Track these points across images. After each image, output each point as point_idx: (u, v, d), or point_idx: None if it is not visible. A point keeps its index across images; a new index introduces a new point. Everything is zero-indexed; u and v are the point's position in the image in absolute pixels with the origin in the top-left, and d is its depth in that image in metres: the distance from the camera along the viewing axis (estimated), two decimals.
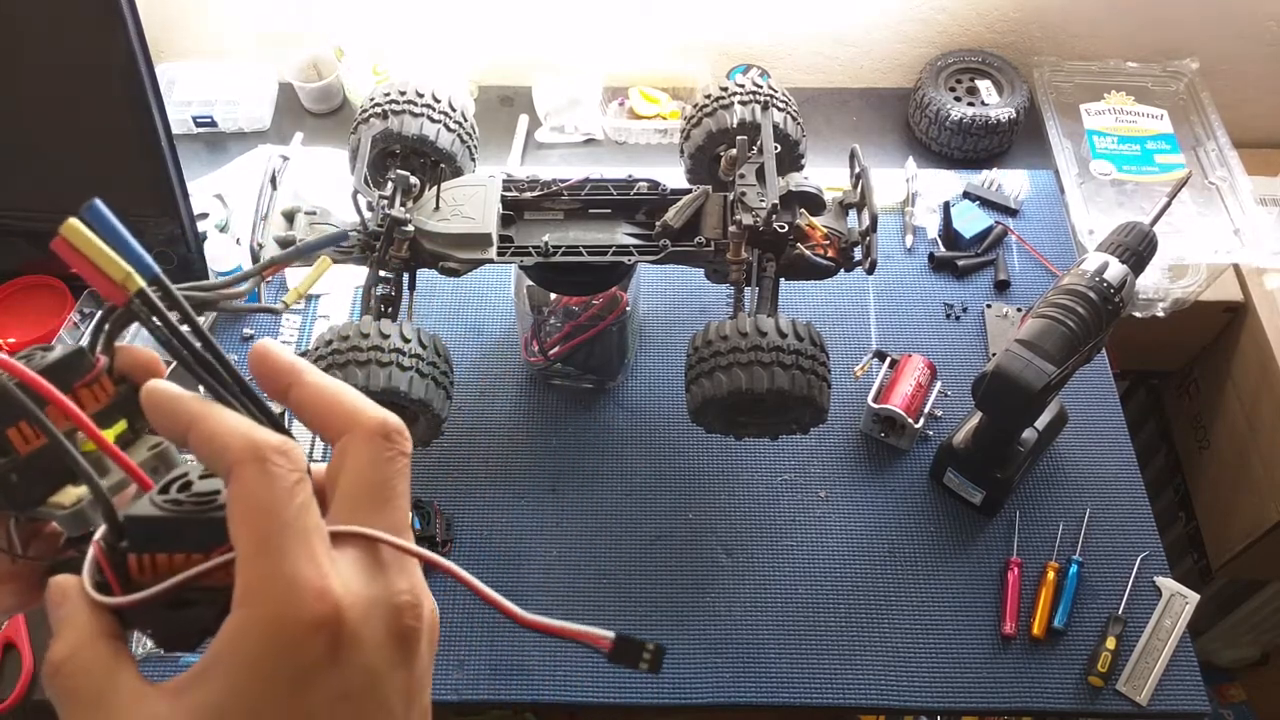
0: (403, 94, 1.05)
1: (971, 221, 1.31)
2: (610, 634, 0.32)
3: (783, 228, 0.94)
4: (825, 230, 0.98)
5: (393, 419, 0.32)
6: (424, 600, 0.31)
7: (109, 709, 0.27)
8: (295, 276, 1.27)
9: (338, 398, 0.32)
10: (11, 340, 1.21)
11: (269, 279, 0.41)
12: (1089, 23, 1.49)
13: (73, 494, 0.34)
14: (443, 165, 1.07)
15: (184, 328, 0.32)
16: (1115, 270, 0.94)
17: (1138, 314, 1.33)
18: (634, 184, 1.02)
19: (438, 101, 1.06)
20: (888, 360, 1.16)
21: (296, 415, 0.33)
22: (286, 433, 0.31)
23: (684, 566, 1.07)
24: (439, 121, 1.05)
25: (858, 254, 0.98)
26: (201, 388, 0.33)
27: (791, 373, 0.88)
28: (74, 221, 0.30)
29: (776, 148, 1.00)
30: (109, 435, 0.35)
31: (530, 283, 1.04)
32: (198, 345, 0.32)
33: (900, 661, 1.01)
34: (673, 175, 1.09)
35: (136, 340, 1.26)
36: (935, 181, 1.38)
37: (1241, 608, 1.68)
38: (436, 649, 0.32)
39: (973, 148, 1.41)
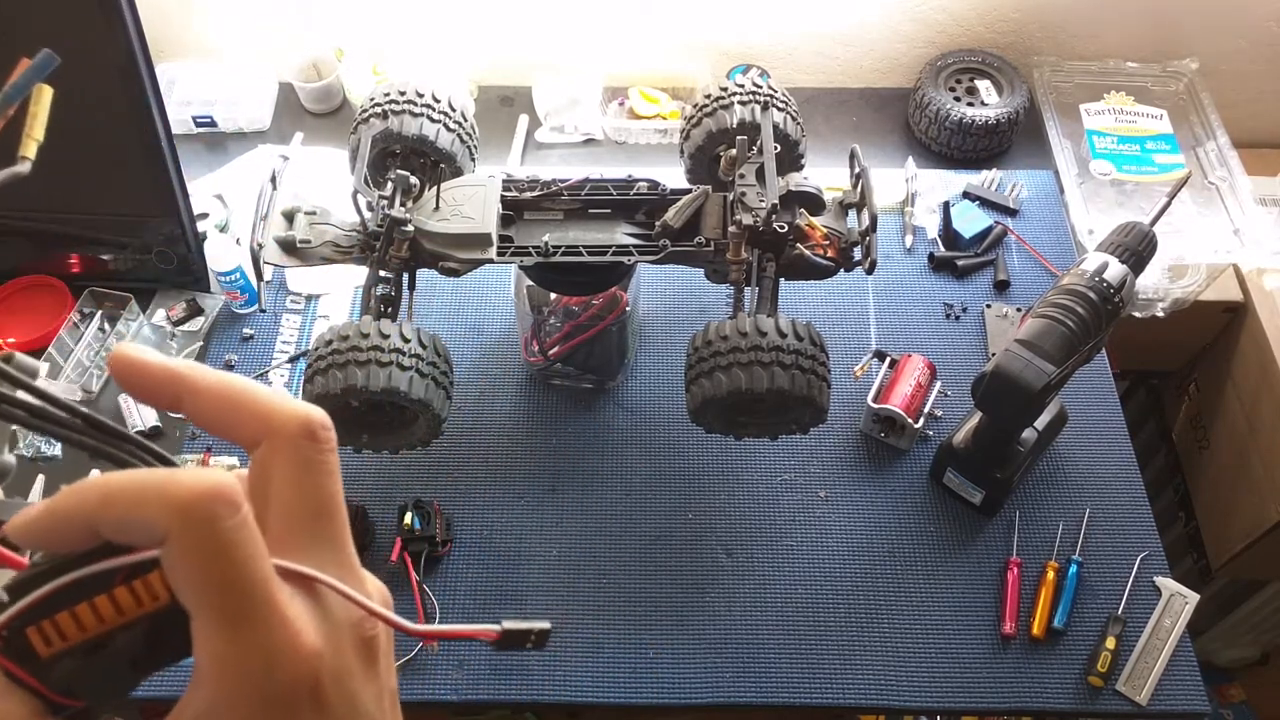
0: (403, 94, 1.05)
1: (971, 221, 1.31)
2: (496, 627, 0.31)
3: (783, 228, 0.94)
4: (825, 230, 0.98)
5: (315, 413, 0.28)
6: (372, 595, 0.30)
7: None
8: (295, 276, 1.27)
9: (245, 399, 0.28)
10: (11, 340, 1.21)
11: None
12: (1089, 23, 1.49)
13: None
14: (443, 165, 1.07)
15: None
16: (1115, 270, 0.94)
17: (1138, 314, 1.33)
18: (634, 184, 1.02)
19: (438, 101, 1.06)
20: (888, 360, 1.16)
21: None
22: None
23: (684, 566, 1.07)
24: (439, 121, 1.05)
25: (858, 254, 0.98)
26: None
27: (791, 373, 0.88)
28: None
29: (776, 148, 1.00)
30: None
31: (530, 283, 1.04)
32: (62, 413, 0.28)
33: (900, 661, 1.01)
34: (673, 175, 1.09)
35: (139, 338, 1.26)
36: (935, 181, 1.38)
37: (1241, 608, 1.68)
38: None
39: (973, 148, 1.41)
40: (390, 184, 0.96)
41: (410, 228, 0.95)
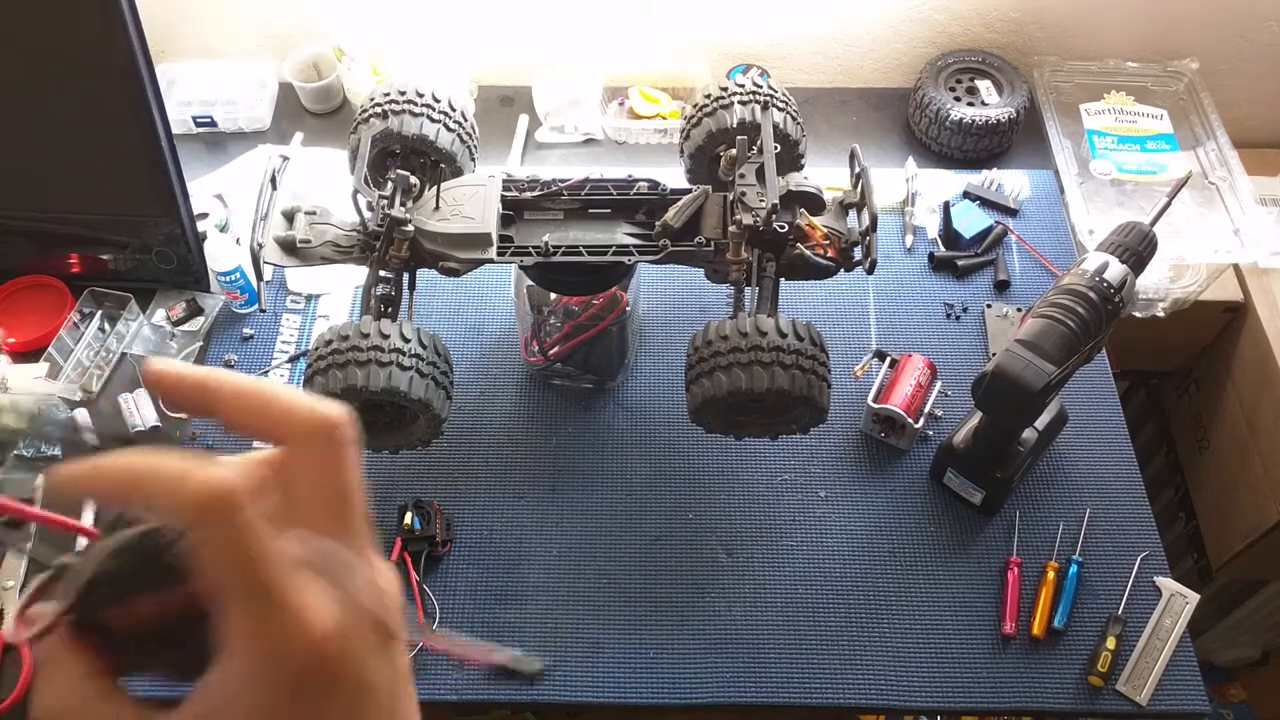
0: (403, 94, 1.05)
1: (971, 221, 1.31)
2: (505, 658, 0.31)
3: (783, 228, 0.94)
4: (825, 230, 0.98)
5: (333, 411, 0.31)
6: (391, 585, 0.31)
7: None
8: (295, 276, 1.27)
9: (267, 404, 0.30)
10: (12, 340, 1.21)
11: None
12: (1089, 23, 1.49)
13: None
14: (443, 165, 1.07)
15: None
16: (1115, 270, 0.94)
17: (1138, 314, 1.33)
18: (634, 184, 1.02)
19: (438, 101, 1.06)
20: (888, 360, 1.16)
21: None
22: None
23: (684, 566, 1.07)
24: (439, 121, 1.05)
25: (858, 254, 0.98)
26: None
27: (791, 373, 0.88)
28: None
29: (776, 148, 1.00)
30: None
31: (530, 283, 1.04)
32: None
33: (900, 661, 1.01)
34: (673, 175, 1.09)
35: (136, 343, 1.26)
36: (935, 181, 1.38)
37: (1241, 608, 1.68)
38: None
39: (973, 148, 1.41)
40: (390, 184, 0.96)
41: (410, 228, 0.95)
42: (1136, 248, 0.95)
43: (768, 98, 1.06)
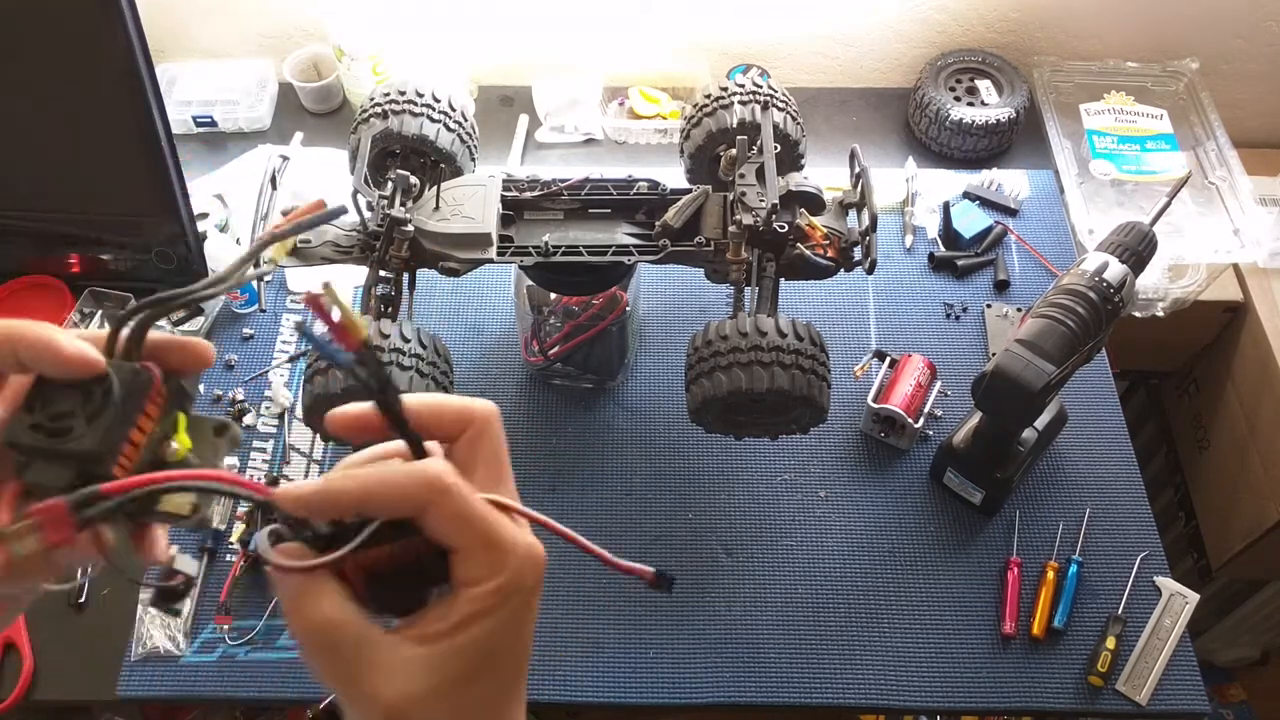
0: (403, 94, 1.05)
1: (971, 221, 1.31)
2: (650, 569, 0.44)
3: (783, 228, 0.94)
4: (825, 230, 0.98)
5: (492, 405, 0.41)
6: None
7: (371, 654, 0.35)
8: (294, 275, 1.27)
9: (447, 408, 0.40)
10: None
11: (262, 274, 0.43)
12: (1089, 23, 1.49)
13: (185, 501, 0.38)
14: (443, 165, 1.07)
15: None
16: (1115, 270, 0.94)
17: (1138, 314, 1.33)
18: (634, 184, 1.02)
19: (438, 101, 1.06)
20: (888, 360, 1.16)
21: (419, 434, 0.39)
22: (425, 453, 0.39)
23: (684, 566, 1.07)
24: (439, 121, 1.05)
25: (858, 254, 0.98)
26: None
27: (791, 372, 0.88)
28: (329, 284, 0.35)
29: (776, 148, 1.00)
30: (179, 439, 0.39)
31: (530, 283, 1.04)
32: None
33: (900, 661, 1.01)
34: (673, 175, 1.09)
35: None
36: (935, 181, 1.38)
37: (1241, 608, 1.68)
38: None
39: (973, 148, 1.41)
40: (390, 184, 0.96)
41: (410, 228, 0.95)
42: (1136, 248, 0.95)
43: (768, 98, 1.06)
